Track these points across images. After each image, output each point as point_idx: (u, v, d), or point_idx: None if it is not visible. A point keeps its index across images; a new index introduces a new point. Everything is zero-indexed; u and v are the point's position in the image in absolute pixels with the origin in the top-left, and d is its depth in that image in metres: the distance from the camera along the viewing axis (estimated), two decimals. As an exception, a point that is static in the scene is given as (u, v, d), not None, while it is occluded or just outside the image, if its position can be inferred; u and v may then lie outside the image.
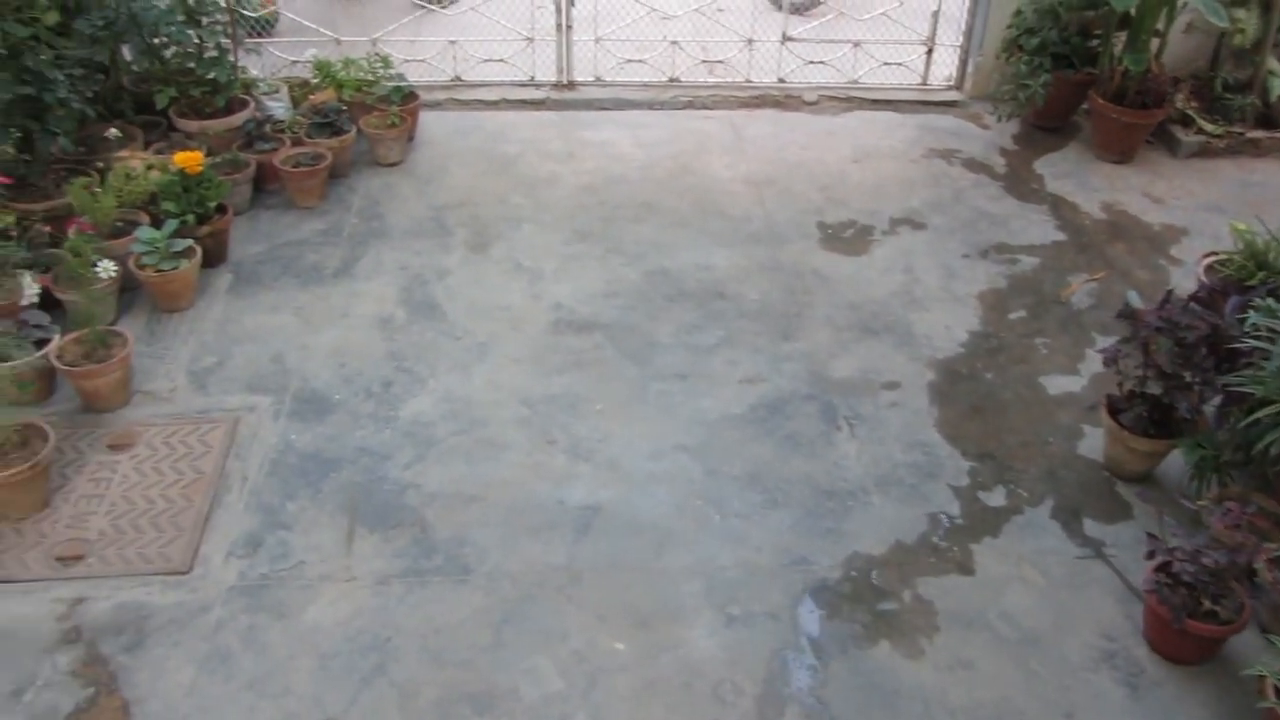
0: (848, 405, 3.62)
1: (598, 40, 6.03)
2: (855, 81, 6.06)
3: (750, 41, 6.03)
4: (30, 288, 3.31)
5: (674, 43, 6.04)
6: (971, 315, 4.12)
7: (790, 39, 6.02)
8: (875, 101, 5.95)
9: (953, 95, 6.01)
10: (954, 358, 3.88)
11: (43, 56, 4.05)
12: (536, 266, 4.37)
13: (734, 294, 4.19)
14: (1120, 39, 5.26)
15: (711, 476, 3.31)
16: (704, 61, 6.16)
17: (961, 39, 5.96)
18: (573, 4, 5.83)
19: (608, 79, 6.09)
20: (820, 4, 7.02)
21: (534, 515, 3.17)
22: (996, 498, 3.29)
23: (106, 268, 3.57)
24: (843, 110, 5.89)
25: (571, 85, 6.04)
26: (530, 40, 6.02)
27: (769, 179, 5.09)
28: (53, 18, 4.17)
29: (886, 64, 6.08)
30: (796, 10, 6.52)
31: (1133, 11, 4.98)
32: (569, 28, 5.89)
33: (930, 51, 6.01)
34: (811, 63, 6.10)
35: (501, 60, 6.10)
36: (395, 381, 3.72)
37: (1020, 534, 3.16)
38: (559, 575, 2.97)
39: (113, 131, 4.29)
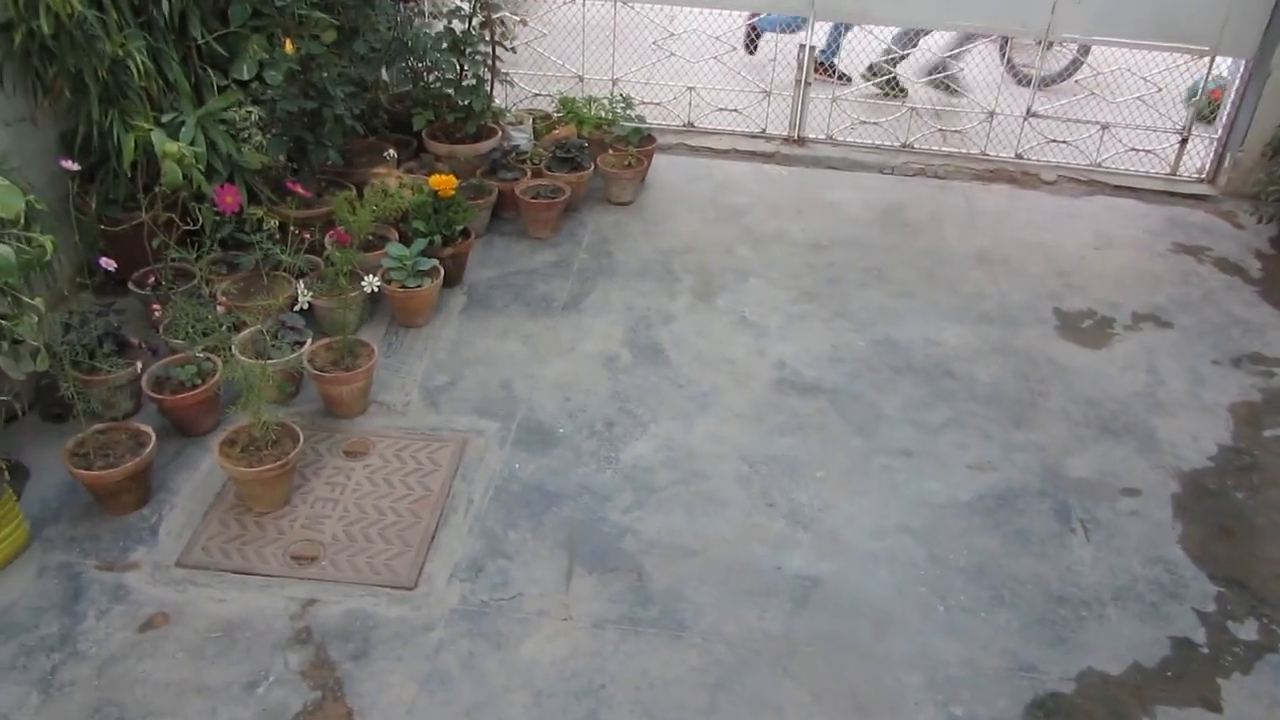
0: (1083, 507, 3.44)
1: (834, 99, 6.01)
2: (1098, 165, 5.84)
3: (991, 114, 5.89)
4: (304, 294, 3.49)
5: (912, 109, 5.95)
6: (1221, 427, 3.86)
7: (1034, 115, 5.85)
8: (1117, 187, 5.71)
9: (1203, 189, 5.71)
10: (1201, 471, 3.64)
11: (325, 74, 4.30)
12: (761, 322, 4.35)
13: (964, 374, 4.07)
14: None
15: (935, 563, 3.20)
16: (939, 130, 6.06)
17: (1220, 132, 5.66)
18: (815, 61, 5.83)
19: (839, 138, 6.05)
20: (1068, 79, 6.78)
21: (751, 578, 3.12)
22: (1248, 630, 3.05)
23: (370, 282, 3.73)
24: (1082, 193, 5.67)
25: (802, 141, 6.03)
26: (767, 94, 6.04)
27: (1003, 257, 4.94)
28: (331, 36, 4.44)
29: (1133, 150, 5.83)
30: (1044, 84, 6.31)
31: None
32: (808, 84, 5.88)
33: (1184, 141, 5.74)
34: (1053, 141, 5.92)
35: (735, 110, 6.16)
36: (618, 422, 3.74)
37: (1274, 675, 2.91)
38: (776, 645, 2.91)
39: (390, 152, 4.50)
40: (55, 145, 3.86)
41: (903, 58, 6.35)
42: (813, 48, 5.79)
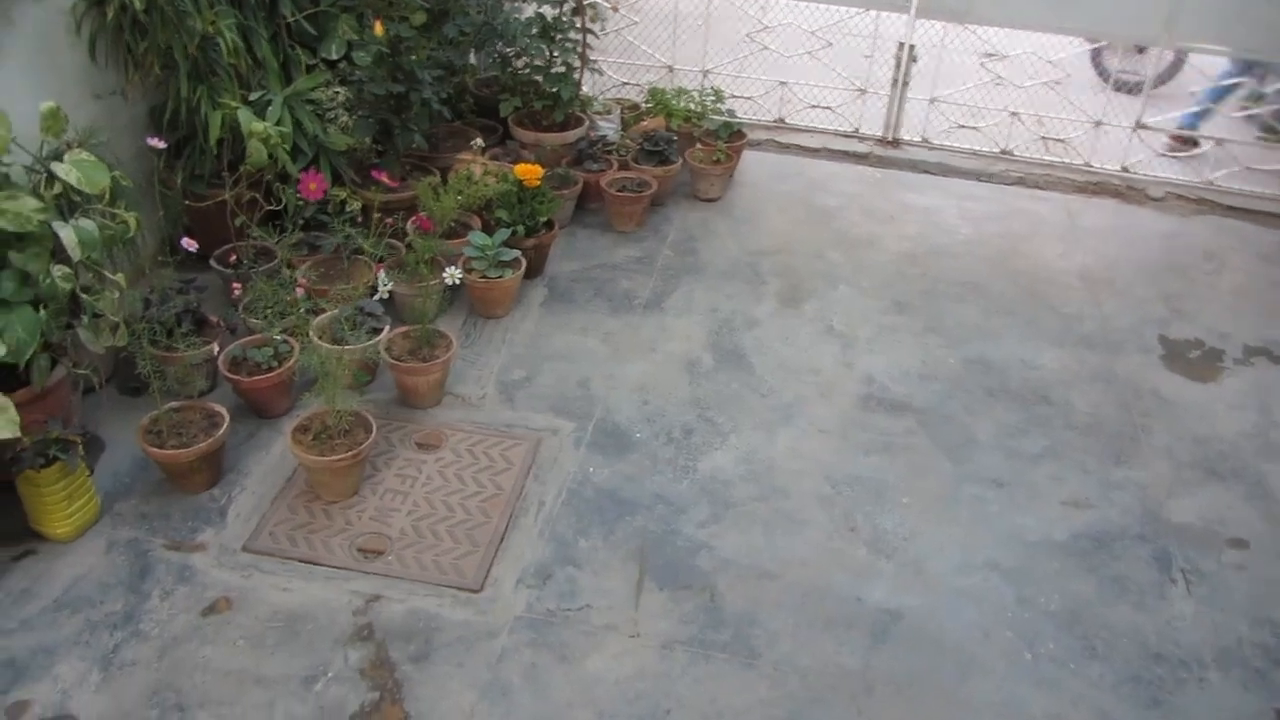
0: (1185, 556, 3.24)
1: (932, 100, 5.80)
2: (1210, 183, 5.54)
3: (1098, 124, 5.63)
4: (384, 283, 3.42)
5: (1013, 114, 5.72)
6: (1339, 476, 3.62)
7: (1144, 127, 5.57)
8: (1230, 208, 5.43)
9: (1326, 214, 5.40)
10: (1316, 524, 3.42)
11: (413, 57, 4.23)
12: (850, 332, 4.19)
13: (1061, 400, 3.87)
14: None
15: (1024, 606, 3.02)
16: (1042, 138, 5.81)
17: (1347, 153, 5.35)
18: (914, 61, 5.62)
19: (935, 142, 5.84)
20: (1167, 83, 6.42)
21: (830, 607, 2.98)
22: (1363, 704, 2.84)
23: (453, 274, 3.65)
24: (1191, 213, 5.40)
25: (897, 143, 5.83)
26: (862, 92, 5.85)
27: (1106, 277, 4.71)
28: (420, 19, 4.36)
29: (1250, 169, 5.53)
30: (1134, 89, 5.96)
31: None
32: (905, 84, 5.68)
33: (1307, 162, 5.43)
34: (1163, 155, 5.64)
35: (828, 108, 5.98)
36: (696, 430, 3.62)
37: (1391, 754, 2.71)
38: (852, 681, 2.77)
39: (477, 141, 4.42)
40: (144, 119, 3.85)
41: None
42: (912, 46, 5.58)
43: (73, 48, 3.58)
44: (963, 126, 5.86)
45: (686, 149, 5.17)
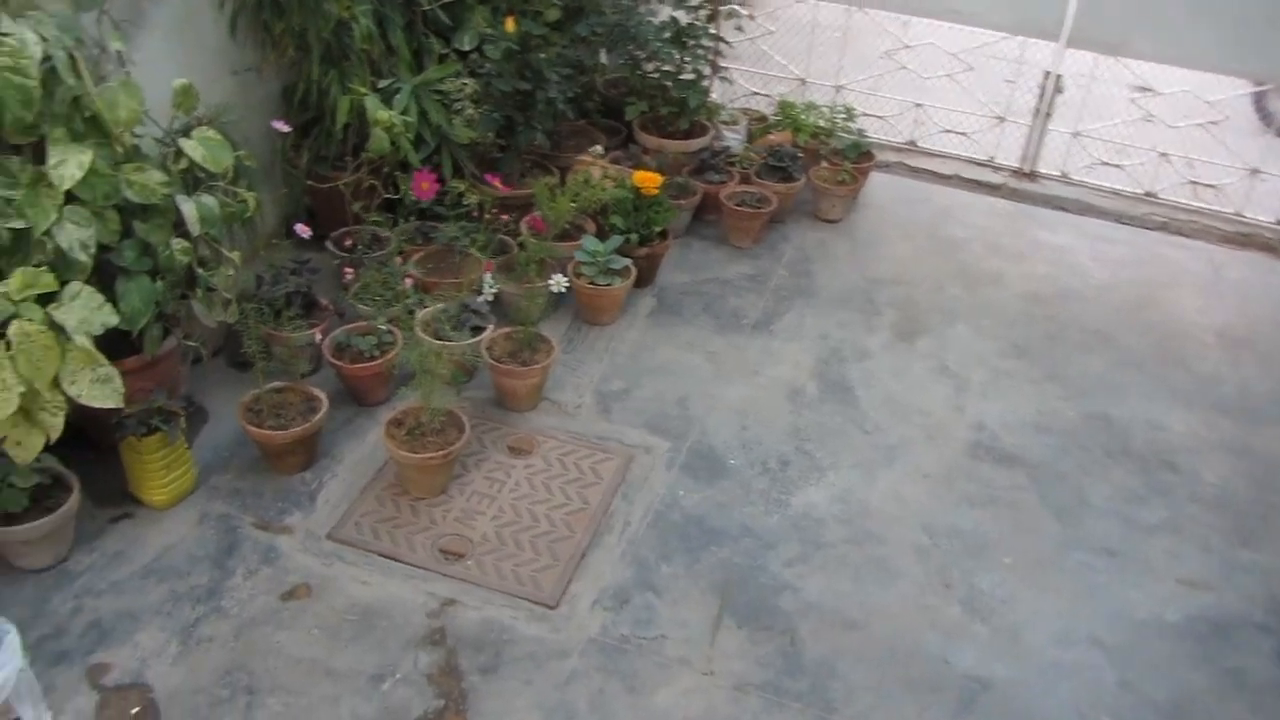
0: (1312, 654, 3.00)
1: (1075, 134, 5.53)
2: (1375, 245, 5.16)
3: (1254, 171, 5.29)
4: (490, 286, 3.39)
5: (1162, 154, 5.41)
6: None
7: (1306, 179, 5.22)
8: (1395, 274, 5.03)
9: None
10: None
11: (543, 55, 4.19)
12: (964, 374, 4.00)
13: (1188, 469, 3.62)
14: None
15: (1126, 690, 2.83)
16: (1191, 182, 5.49)
17: None
18: (1060, 91, 5.36)
19: (1075, 178, 5.57)
20: None
21: (914, 666, 2.84)
22: None
23: (559, 282, 3.61)
24: (1351, 275, 5.03)
25: (1033, 176, 5.58)
26: (1000, 120, 5.62)
27: (1247, 338, 4.41)
28: (554, 15, 4.33)
29: None
30: None
31: None
32: (1048, 115, 5.43)
33: None
34: (1322, 211, 5.27)
35: (963, 134, 5.76)
36: (793, 462, 3.50)
37: None
38: (931, 750, 2.63)
39: (596, 148, 4.37)
40: (277, 98, 3.90)
41: None
42: (1059, 76, 5.32)
43: (215, 23, 3.65)
44: (1105, 164, 5.57)
45: (811, 166, 5.03)
